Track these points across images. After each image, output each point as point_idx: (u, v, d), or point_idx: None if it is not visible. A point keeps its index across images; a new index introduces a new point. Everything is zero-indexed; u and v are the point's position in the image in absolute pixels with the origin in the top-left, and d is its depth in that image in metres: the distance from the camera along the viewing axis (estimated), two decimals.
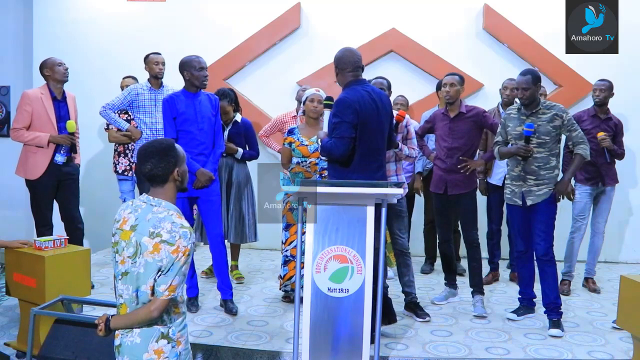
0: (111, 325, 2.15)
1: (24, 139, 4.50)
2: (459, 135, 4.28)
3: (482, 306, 4.30)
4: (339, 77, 3.59)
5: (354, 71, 3.55)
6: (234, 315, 4.11)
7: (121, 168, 5.34)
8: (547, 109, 3.99)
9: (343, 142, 3.39)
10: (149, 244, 2.10)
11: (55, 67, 4.50)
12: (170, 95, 4.10)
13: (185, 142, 3.97)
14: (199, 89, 4.07)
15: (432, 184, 4.47)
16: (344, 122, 3.39)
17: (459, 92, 4.31)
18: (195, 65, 4.01)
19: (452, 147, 4.29)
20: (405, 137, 4.17)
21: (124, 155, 5.34)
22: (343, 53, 3.60)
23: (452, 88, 4.28)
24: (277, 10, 6.14)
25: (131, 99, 4.83)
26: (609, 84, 4.84)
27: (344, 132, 3.39)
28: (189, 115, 4.01)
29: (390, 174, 4.09)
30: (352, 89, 3.50)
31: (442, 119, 4.39)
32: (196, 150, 4.04)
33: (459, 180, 4.30)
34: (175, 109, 4.02)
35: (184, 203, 4.00)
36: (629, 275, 3.27)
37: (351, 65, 3.54)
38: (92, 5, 6.41)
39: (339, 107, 3.43)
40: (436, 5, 6.11)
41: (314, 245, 3.12)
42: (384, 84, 4.12)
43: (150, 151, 2.19)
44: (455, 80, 4.29)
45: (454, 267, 4.62)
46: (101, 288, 4.69)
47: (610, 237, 5.58)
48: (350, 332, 3.09)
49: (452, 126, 4.31)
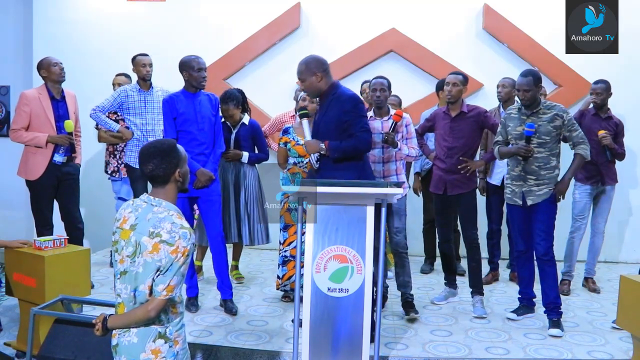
0: (108, 324, 2.15)
1: (23, 140, 4.49)
2: (460, 134, 4.27)
3: (482, 307, 4.30)
4: (323, 80, 3.50)
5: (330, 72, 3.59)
6: (233, 315, 4.11)
7: (110, 169, 5.33)
8: (547, 109, 3.99)
9: (369, 135, 3.51)
10: (149, 244, 2.10)
11: (50, 67, 4.49)
12: (170, 96, 4.11)
13: (185, 142, 3.98)
14: (198, 89, 4.07)
15: (431, 185, 4.47)
16: (363, 116, 3.49)
17: (462, 92, 4.29)
18: (194, 66, 4.01)
19: (452, 146, 4.28)
20: (405, 136, 4.16)
21: (113, 156, 5.33)
22: (315, 56, 3.58)
23: (455, 88, 4.26)
24: (277, 10, 6.14)
25: (121, 100, 4.83)
26: (606, 85, 4.81)
27: (366, 124, 3.49)
28: (188, 116, 4.02)
29: (390, 174, 4.09)
30: (346, 88, 3.57)
31: (443, 117, 4.37)
32: (196, 150, 4.04)
33: (459, 180, 4.29)
34: (175, 109, 4.03)
35: (184, 203, 4.00)
36: (629, 275, 3.28)
37: (328, 66, 3.57)
38: (91, 5, 6.41)
39: (353, 103, 3.47)
40: (436, 5, 6.10)
41: (314, 245, 3.12)
42: (385, 84, 4.11)
43: (152, 151, 2.19)
44: (458, 79, 4.27)
45: (454, 267, 4.62)
46: (101, 288, 4.69)
47: (610, 237, 5.58)
48: (350, 332, 3.09)
49: (453, 125, 4.30)
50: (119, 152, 5.31)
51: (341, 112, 3.44)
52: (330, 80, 3.53)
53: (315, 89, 3.54)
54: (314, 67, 3.48)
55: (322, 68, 3.50)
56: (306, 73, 3.50)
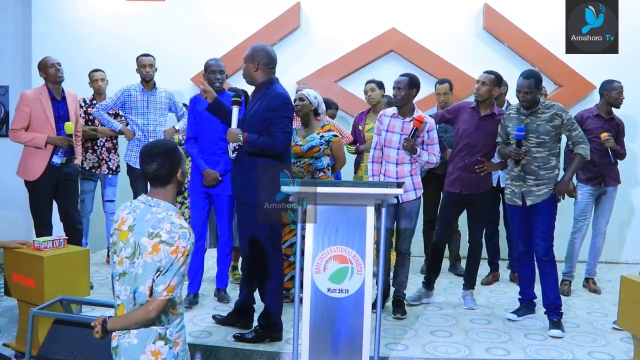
0: (108, 327, 2.15)
1: (22, 140, 4.48)
2: (486, 135, 4.18)
3: (472, 299, 4.39)
4: (257, 72, 3.49)
5: (274, 69, 3.56)
6: (226, 303, 4.29)
7: (88, 165, 5.23)
8: (546, 108, 3.97)
9: (287, 137, 3.46)
10: (148, 245, 2.09)
11: (48, 69, 4.48)
12: (196, 96, 4.27)
13: (201, 142, 4.19)
14: (217, 90, 4.14)
15: (447, 182, 4.34)
16: (286, 118, 3.44)
17: (490, 92, 4.18)
18: (207, 68, 4.25)
19: (475, 145, 4.19)
20: (427, 142, 4.07)
21: (92, 151, 5.27)
22: (269, 49, 3.56)
23: (483, 87, 4.17)
24: (277, 9, 6.13)
25: (124, 99, 4.86)
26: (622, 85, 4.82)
27: (287, 127, 3.44)
28: (205, 116, 4.07)
29: (404, 175, 4.04)
30: (281, 86, 3.54)
31: (470, 113, 4.25)
32: (209, 150, 4.17)
33: (475, 180, 4.21)
34: (195, 109, 4.20)
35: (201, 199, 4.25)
36: (630, 276, 3.27)
37: (274, 64, 3.55)
38: (90, 5, 6.39)
39: (279, 102, 3.43)
40: (436, 5, 6.10)
41: (314, 246, 3.11)
42: (401, 82, 4.01)
43: (156, 151, 2.19)
44: (487, 79, 4.18)
45: (439, 268, 4.54)
46: (100, 288, 4.68)
47: (612, 238, 5.57)
48: (350, 332, 3.09)
49: (480, 124, 4.20)
50: (99, 148, 5.26)
51: (268, 108, 3.43)
52: (269, 76, 3.52)
53: (250, 77, 3.54)
54: (256, 57, 3.48)
55: (264, 61, 3.49)
56: (249, 58, 3.51)
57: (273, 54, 3.55)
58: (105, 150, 5.31)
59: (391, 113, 4.14)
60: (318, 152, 4.25)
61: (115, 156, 5.38)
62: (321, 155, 4.27)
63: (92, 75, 5.38)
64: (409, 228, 4.12)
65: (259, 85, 3.54)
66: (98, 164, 5.28)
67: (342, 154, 4.41)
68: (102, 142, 5.28)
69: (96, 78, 5.35)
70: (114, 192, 5.41)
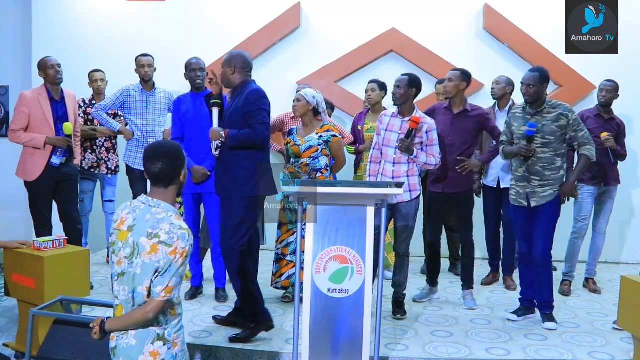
0: (106, 327, 2.14)
1: (21, 141, 4.48)
2: (461, 132, 4.25)
3: (472, 299, 4.40)
4: (234, 75, 3.66)
5: (250, 72, 3.72)
6: (223, 302, 4.33)
7: (87, 165, 5.25)
8: (552, 108, 3.95)
9: (266, 128, 3.60)
10: (147, 245, 2.09)
11: (47, 69, 4.48)
12: (179, 97, 4.34)
13: (187, 141, 4.22)
14: (199, 89, 4.25)
15: (429, 183, 4.44)
16: (263, 110, 3.58)
17: (458, 88, 4.25)
18: (188, 67, 4.30)
19: (452, 143, 4.26)
20: (426, 143, 4.04)
21: (91, 151, 5.28)
22: (245, 54, 3.75)
23: (449, 83, 4.25)
24: (277, 9, 6.13)
25: (123, 99, 4.86)
26: (615, 85, 4.83)
27: (265, 118, 3.58)
28: (190, 116, 4.17)
29: (401, 175, 4.03)
30: (256, 85, 3.68)
31: (444, 113, 4.31)
32: (195, 149, 4.19)
33: (456, 178, 4.27)
34: (179, 109, 4.27)
35: (190, 201, 4.29)
36: (630, 276, 3.26)
37: (250, 67, 3.71)
38: (90, 4, 6.39)
39: (256, 96, 3.57)
40: (436, 5, 6.09)
41: (314, 246, 3.11)
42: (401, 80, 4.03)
43: (161, 152, 2.20)
44: (453, 75, 4.26)
45: (439, 267, 4.57)
46: (100, 288, 4.68)
47: (612, 238, 5.57)
48: (350, 332, 3.09)
49: (455, 122, 4.26)
50: (98, 148, 5.27)
51: (246, 102, 3.57)
52: (245, 77, 3.67)
53: (227, 80, 3.70)
54: (233, 61, 3.65)
55: (241, 65, 3.65)
56: (226, 63, 3.68)
57: (249, 59, 3.74)
58: (104, 150, 5.31)
59: (392, 113, 4.15)
60: (316, 153, 4.25)
61: (114, 156, 5.38)
62: (319, 156, 4.26)
63: (92, 76, 5.41)
64: (406, 230, 4.10)
65: (237, 87, 3.69)
66: (97, 164, 5.29)
67: (341, 154, 4.40)
68: (101, 142, 5.28)
69: (96, 78, 5.37)
70: (113, 192, 5.42)
